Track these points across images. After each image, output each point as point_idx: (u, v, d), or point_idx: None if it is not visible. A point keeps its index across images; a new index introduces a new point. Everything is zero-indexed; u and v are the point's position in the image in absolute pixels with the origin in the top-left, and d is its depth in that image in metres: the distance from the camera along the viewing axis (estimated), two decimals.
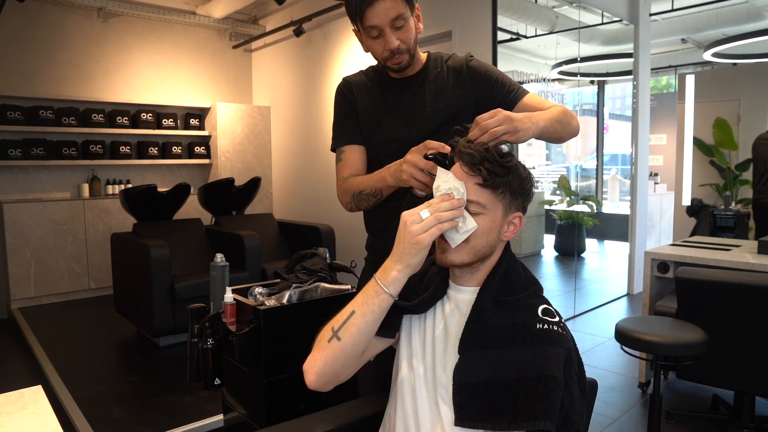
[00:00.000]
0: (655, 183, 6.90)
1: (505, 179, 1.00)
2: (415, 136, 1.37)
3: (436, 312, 1.09)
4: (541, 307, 0.99)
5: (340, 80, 1.52)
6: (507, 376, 0.93)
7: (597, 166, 8.50)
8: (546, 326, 0.96)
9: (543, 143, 7.99)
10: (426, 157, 1.10)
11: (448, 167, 1.05)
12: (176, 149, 5.59)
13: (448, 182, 1.00)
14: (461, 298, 1.06)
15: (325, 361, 1.07)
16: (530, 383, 0.90)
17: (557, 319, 0.98)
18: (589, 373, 1.04)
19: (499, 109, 1.08)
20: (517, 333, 0.96)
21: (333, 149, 1.49)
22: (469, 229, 0.98)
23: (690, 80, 6.23)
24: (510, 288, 1.03)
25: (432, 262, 1.17)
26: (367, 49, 1.40)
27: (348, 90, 1.48)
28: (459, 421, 0.95)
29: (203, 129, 5.86)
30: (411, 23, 1.33)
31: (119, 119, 5.23)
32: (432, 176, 1.07)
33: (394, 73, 1.43)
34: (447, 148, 1.08)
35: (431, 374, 1.04)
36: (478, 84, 1.42)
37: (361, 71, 1.52)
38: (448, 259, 1.02)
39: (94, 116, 5.07)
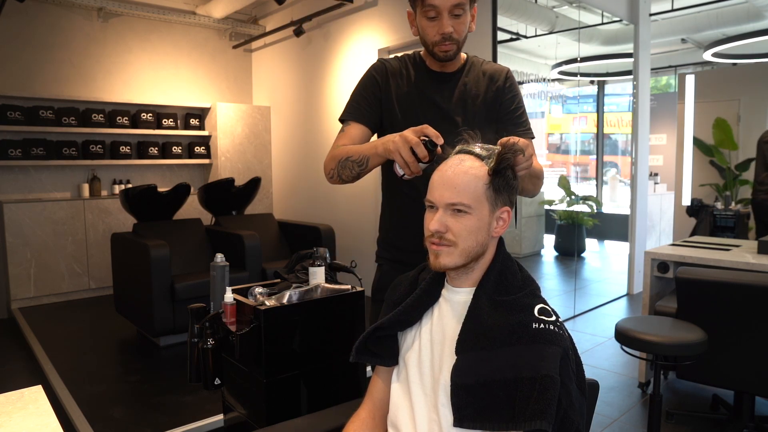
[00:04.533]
0: (655, 183, 6.90)
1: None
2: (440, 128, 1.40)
3: (433, 315, 1.09)
4: (537, 307, 0.99)
5: (377, 60, 1.52)
6: (504, 376, 0.93)
7: (597, 166, 8.50)
8: (542, 326, 0.96)
9: (543, 143, 8.00)
10: (420, 138, 1.15)
11: (433, 155, 1.13)
12: (176, 149, 5.59)
13: None
14: (457, 300, 1.06)
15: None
16: (527, 383, 0.91)
17: (554, 318, 0.98)
18: (589, 373, 1.04)
19: (528, 143, 1.11)
20: (514, 333, 0.96)
21: (341, 120, 1.49)
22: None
23: (690, 80, 6.23)
24: (506, 288, 1.03)
25: (420, 270, 1.18)
26: (416, 32, 1.42)
27: (381, 73, 1.48)
28: (457, 422, 0.95)
29: (203, 129, 5.87)
30: (467, 17, 1.37)
31: (119, 119, 5.23)
32: (416, 157, 1.14)
33: (434, 64, 1.45)
34: (440, 139, 1.14)
35: (429, 376, 1.04)
36: (506, 100, 1.48)
37: (397, 58, 1.52)
38: (441, 264, 1.02)
39: (94, 116, 5.07)
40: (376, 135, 1.52)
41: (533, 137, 1.50)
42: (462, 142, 1.09)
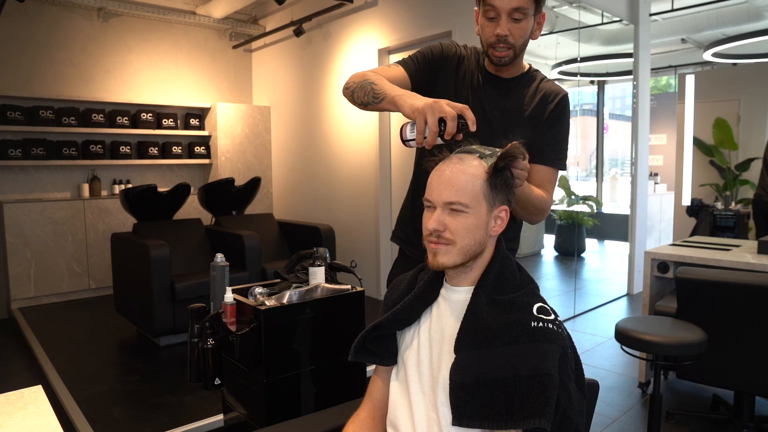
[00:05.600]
0: (655, 183, 6.90)
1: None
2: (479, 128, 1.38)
3: (432, 314, 1.09)
4: (536, 306, 0.99)
5: (456, 42, 1.51)
6: (503, 375, 0.93)
7: (597, 166, 8.50)
8: (541, 324, 0.96)
9: None
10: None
11: (453, 138, 1.07)
12: (176, 149, 5.59)
13: None
14: (456, 299, 1.06)
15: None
16: (526, 381, 0.91)
17: (552, 317, 0.98)
18: (589, 373, 1.04)
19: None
20: (513, 331, 0.96)
21: (398, 62, 1.46)
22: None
23: (690, 80, 6.23)
24: (505, 287, 1.04)
25: (419, 269, 1.18)
26: (478, 30, 1.38)
27: (451, 51, 1.46)
28: (456, 421, 0.95)
29: (203, 129, 5.87)
30: (528, 23, 1.33)
31: (119, 119, 5.23)
32: (440, 130, 1.06)
33: (490, 66, 1.42)
34: (474, 127, 1.08)
35: (428, 375, 1.04)
36: (553, 122, 1.42)
37: (466, 46, 1.49)
38: (439, 262, 1.03)
39: (94, 116, 5.07)
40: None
41: (562, 168, 1.45)
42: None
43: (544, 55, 6.17)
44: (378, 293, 4.61)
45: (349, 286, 2.00)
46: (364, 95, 1.29)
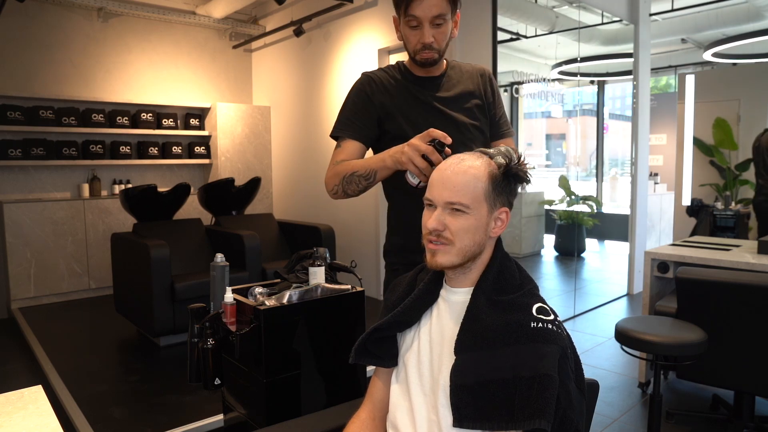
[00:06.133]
0: (655, 183, 6.90)
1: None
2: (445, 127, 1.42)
3: (432, 315, 1.09)
4: (535, 306, 0.99)
5: (361, 75, 1.53)
6: (503, 376, 0.93)
7: (597, 166, 8.50)
8: (540, 325, 0.96)
9: (543, 143, 7.99)
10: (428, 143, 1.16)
11: (443, 156, 1.13)
12: (176, 149, 5.59)
13: None
14: (455, 300, 1.06)
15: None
16: (525, 382, 0.91)
17: (552, 317, 0.98)
18: (589, 373, 1.04)
19: None
20: (512, 332, 0.96)
21: (334, 137, 1.49)
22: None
23: (690, 80, 6.23)
24: (504, 287, 1.03)
25: (419, 270, 1.18)
26: (400, 37, 1.45)
27: (371, 86, 1.49)
28: (457, 422, 0.95)
29: (203, 129, 5.87)
30: (449, 26, 1.40)
31: (119, 119, 5.23)
32: (430, 163, 1.14)
33: (419, 70, 1.49)
34: (448, 139, 1.16)
35: (428, 376, 1.04)
36: (494, 96, 1.57)
37: (382, 69, 1.54)
38: (438, 262, 1.03)
39: (94, 116, 5.07)
40: (370, 150, 1.52)
41: (511, 135, 1.62)
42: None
43: (544, 55, 6.17)
44: (378, 293, 4.61)
45: (349, 286, 2.00)
46: (356, 186, 1.38)
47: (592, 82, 8.07)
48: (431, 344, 1.06)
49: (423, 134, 1.18)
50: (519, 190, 1.11)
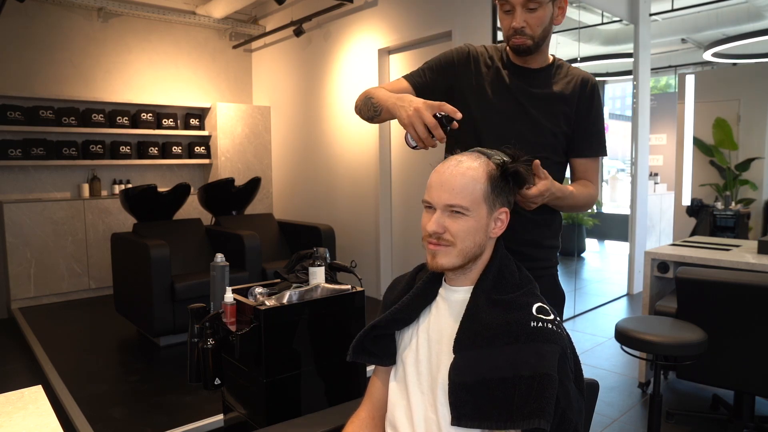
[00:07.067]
0: (655, 183, 6.89)
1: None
2: (515, 120, 1.40)
3: (431, 313, 1.09)
4: (535, 305, 0.99)
5: (464, 45, 1.48)
6: (502, 375, 0.93)
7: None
8: (540, 324, 0.96)
9: None
10: (434, 116, 1.11)
11: (447, 132, 1.11)
12: (176, 149, 5.59)
13: None
14: (455, 299, 1.06)
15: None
16: (525, 381, 0.91)
17: (552, 317, 0.98)
18: (589, 373, 1.04)
19: (562, 188, 1.23)
20: (512, 331, 0.96)
21: (405, 75, 1.46)
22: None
23: (690, 80, 6.23)
24: (504, 287, 1.03)
25: (418, 269, 1.18)
26: (500, 23, 1.40)
27: (462, 58, 1.44)
28: (456, 421, 0.95)
29: (203, 129, 5.87)
30: (545, 12, 1.32)
31: (119, 119, 5.23)
32: (430, 134, 1.11)
33: (517, 58, 1.41)
34: (459, 115, 1.11)
35: (426, 375, 1.04)
36: (589, 108, 1.43)
37: (484, 45, 1.48)
38: (439, 264, 1.03)
39: (94, 116, 5.07)
40: None
41: (604, 154, 1.47)
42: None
43: None
44: (378, 293, 4.61)
45: (349, 286, 2.00)
46: (367, 110, 1.35)
47: None
48: (429, 342, 1.06)
49: (435, 104, 1.13)
50: (525, 190, 1.11)
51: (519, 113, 1.39)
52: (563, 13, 1.37)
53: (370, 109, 1.33)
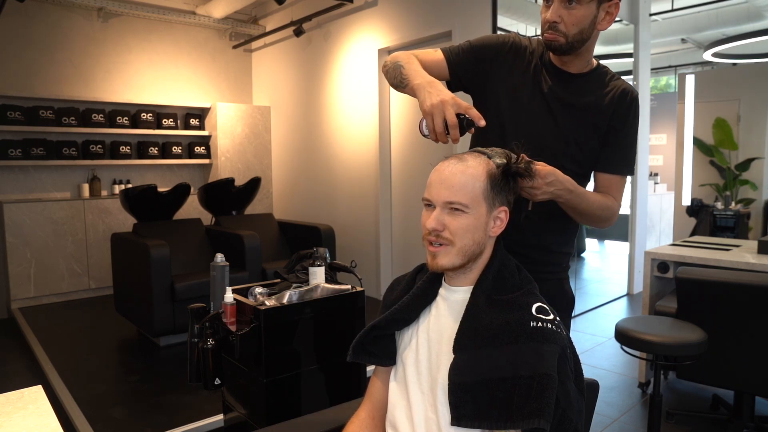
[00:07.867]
0: (655, 183, 6.89)
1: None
2: (539, 122, 1.33)
3: (431, 313, 1.09)
4: (535, 305, 0.99)
5: (513, 34, 1.42)
6: (502, 375, 0.93)
7: None
8: (540, 324, 0.96)
9: None
10: (458, 115, 1.09)
11: (464, 131, 1.09)
12: (176, 149, 5.59)
13: None
14: (455, 298, 1.06)
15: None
16: (525, 381, 0.91)
17: (551, 317, 0.98)
18: (589, 373, 1.04)
19: (567, 179, 1.15)
20: (512, 331, 0.96)
21: (443, 48, 1.41)
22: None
23: (690, 80, 6.23)
24: (504, 287, 1.04)
25: (418, 270, 1.18)
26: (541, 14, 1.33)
27: (502, 48, 1.36)
28: (455, 421, 0.95)
29: (203, 129, 5.87)
30: (586, 11, 1.23)
31: (119, 119, 5.23)
32: (446, 130, 1.08)
33: (555, 58, 1.33)
34: (482, 123, 1.09)
35: (426, 375, 1.04)
36: (621, 122, 1.34)
37: (530, 39, 1.40)
38: (439, 264, 1.03)
39: (94, 116, 5.07)
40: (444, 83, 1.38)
41: (630, 174, 1.38)
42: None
43: None
44: (378, 293, 4.61)
45: (349, 286, 2.00)
46: (393, 77, 1.30)
47: None
48: (429, 342, 1.06)
49: (463, 104, 1.09)
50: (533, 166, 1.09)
51: (545, 117, 1.32)
52: (611, 20, 1.26)
53: (397, 77, 1.27)
